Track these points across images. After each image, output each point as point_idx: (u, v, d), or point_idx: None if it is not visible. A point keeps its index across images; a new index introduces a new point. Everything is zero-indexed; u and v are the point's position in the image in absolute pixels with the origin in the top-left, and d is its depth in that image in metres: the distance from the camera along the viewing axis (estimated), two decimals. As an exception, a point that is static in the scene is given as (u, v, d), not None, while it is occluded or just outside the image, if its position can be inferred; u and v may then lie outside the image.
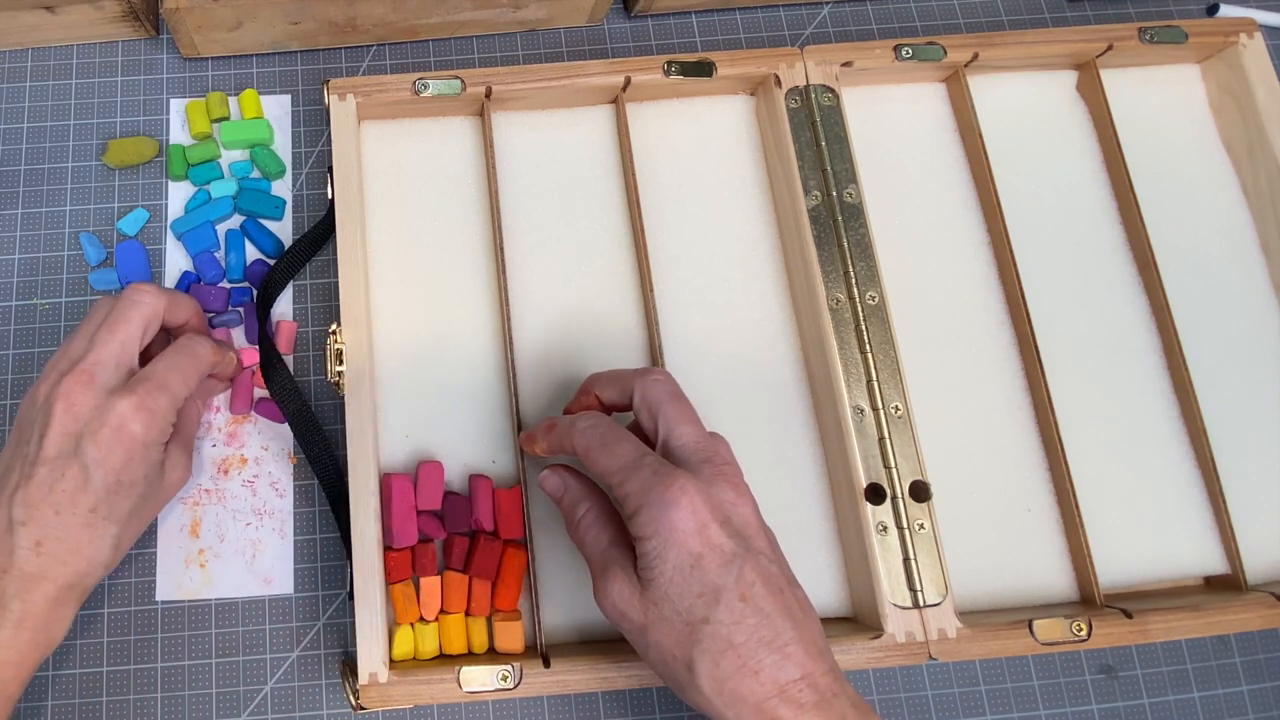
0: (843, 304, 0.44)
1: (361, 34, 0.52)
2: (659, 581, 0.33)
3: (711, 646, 0.32)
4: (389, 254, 0.47)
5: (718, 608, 0.32)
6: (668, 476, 0.33)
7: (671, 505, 0.33)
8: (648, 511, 0.33)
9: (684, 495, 0.33)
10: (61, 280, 0.49)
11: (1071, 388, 0.46)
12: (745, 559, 0.33)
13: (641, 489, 0.34)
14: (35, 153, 0.51)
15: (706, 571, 0.32)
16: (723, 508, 0.34)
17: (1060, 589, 0.44)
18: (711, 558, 0.33)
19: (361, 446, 0.41)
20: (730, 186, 0.49)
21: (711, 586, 0.32)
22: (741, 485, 0.35)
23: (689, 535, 0.33)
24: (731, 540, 0.33)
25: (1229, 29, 0.50)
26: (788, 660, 0.32)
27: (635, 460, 0.35)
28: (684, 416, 0.37)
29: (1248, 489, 0.45)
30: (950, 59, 0.48)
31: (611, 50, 0.54)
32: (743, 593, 0.32)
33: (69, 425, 0.37)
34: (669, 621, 0.33)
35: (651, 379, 0.38)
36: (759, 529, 0.34)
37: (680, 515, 0.33)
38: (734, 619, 0.32)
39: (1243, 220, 0.50)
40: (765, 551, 0.34)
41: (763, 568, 0.33)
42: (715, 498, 0.33)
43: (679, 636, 0.33)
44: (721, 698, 0.32)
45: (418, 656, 0.41)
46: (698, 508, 0.33)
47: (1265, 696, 0.45)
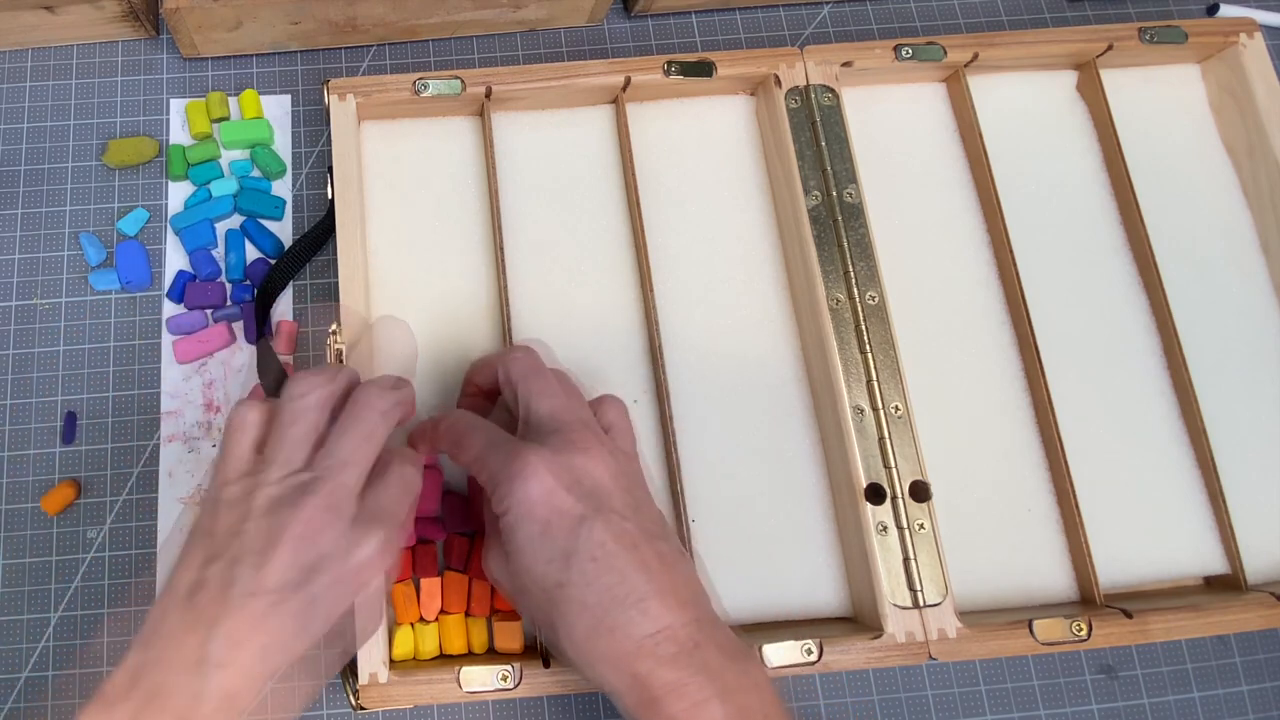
0: (843, 304, 0.44)
1: (361, 34, 0.52)
2: (516, 554, 0.34)
3: (568, 610, 0.33)
4: (389, 254, 0.47)
5: (569, 571, 0.33)
6: (514, 452, 0.34)
7: (516, 477, 0.33)
8: (500, 489, 0.34)
9: (527, 467, 0.33)
10: (61, 280, 0.49)
11: (1071, 388, 0.46)
12: (595, 519, 0.33)
13: (494, 469, 0.35)
14: (35, 153, 0.51)
15: (555, 537, 0.33)
16: (572, 473, 0.34)
17: (1060, 589, 0.44)
18: (558, 523, 0.33)
19: (361, 446, 0.41)
20: (730, 186, 0.49)
21: (561, 551, 0.33)
22: (595, 449, 0.35)
23: (536, 505, 0.33)
24: (581, 503, 0.33)
25: (1229, 29, 0.50)
26: (644, 615, 0.32)
27: (486, 445, 0.35)
28: (541, 390, 0.37)
29: (1248, 489, 0.45)
30: (950, 59, 0.48)
31: (611, 50, 0.54)
32: (592, 553, 0.33)
33: (305, 555, 0.31)
34: (529, 591, 0.34)
35: (511, 357, 0.38)
36: (613, 489, 0.34)
37: (526, 486, 0.33)
38: (585, 580, 0.32)
39: (1243, 220, 0.50)
40: (619, 510, 0.34)
41: (614, 526, 0.33)
42: (562, 464, 0.34)
43: (540, 603, 0.34)
44: (583, 657, 0.33)
45: (418, 657, 0.41)
46: (542, 476, 0.33)
47: (1265, 696, 0.45)
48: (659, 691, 0.31)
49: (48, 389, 0.47)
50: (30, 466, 0.46)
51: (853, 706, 0.44)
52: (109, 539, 0.45)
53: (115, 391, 0.47)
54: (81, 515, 0.45)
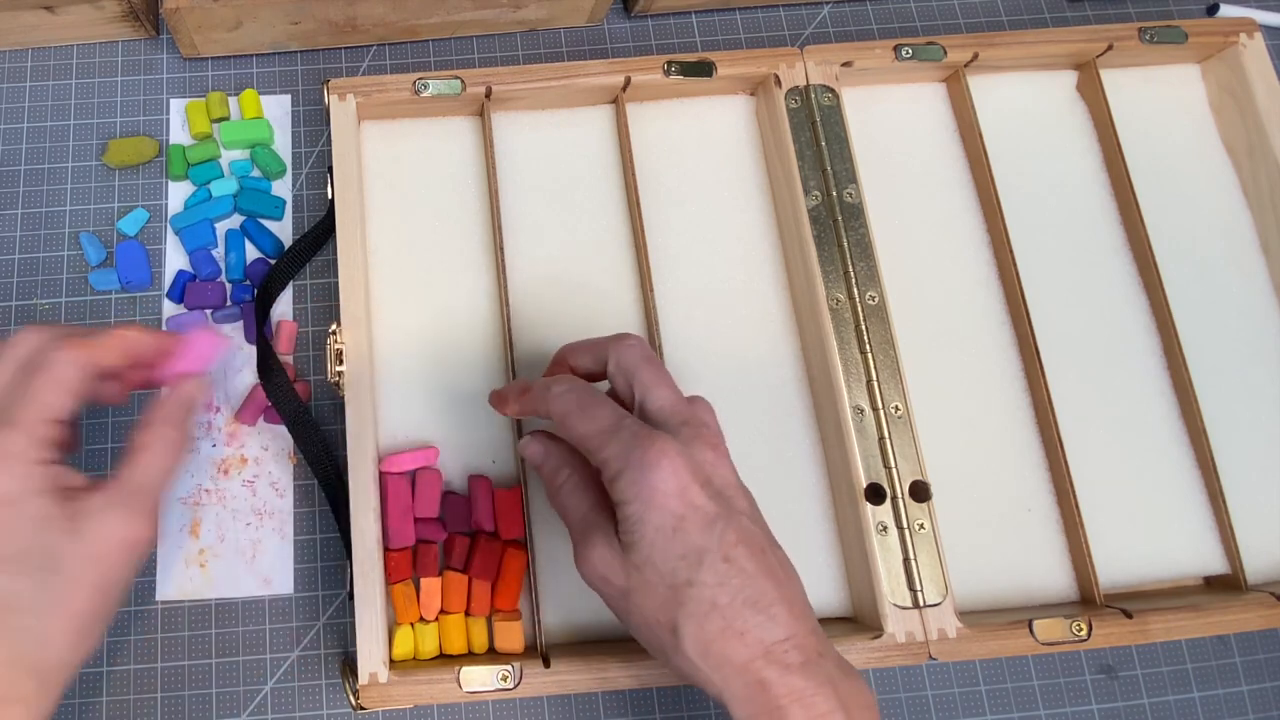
0: (843, 304, 0.44)
1: (361, 34, 0.52)
2: (641, 545, 0.33)
3: (696, 609, 0.32)
4: (389, 254, 0.47)
5: (701, 569, 0.32)
6: (647, 439, 0.33)
7: (652, 467, 0.32)
8: (628, 475, 0.33)
9: (664, 457, 0.32)
10: (61, 280, 0.49)
11: (1071, 388, 0.46)
12: (727, 520, 0.32)
13: (621, 452, 0.33)
14: (35, 153, 0.51)
15: (689, 533, 0.32)
16: (703, 469, 0.33)
17: (1060, 589, 0.44)
18: (693, 519, 0.32)
19: (361, 446, 0.41)
20: (730, 186, 0.49)
21: (694, 548, 0.32)
22: (721, 447, 0.35)
23: (670, 497, 0.32)
24: (713, 502, 0.33)
25: (1229, 29, 0.50)
26: (773, 621, 0.31)
27: (613, 424, 0.34)
28: (660, 380, 0.36)
29: (1248, 489, 0.45)
30: (950, 59, 0.48)
31: (611, 50, 0.54)
32: (725, 554, 0.32)
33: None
34: (652, 585, 0.33)
35: (626, 344, 0.37)
36: (739, 490, 0.34)
37: (661, 477, 0.32)
38: (718, 580, 0.32)
39: (1243, 220, 0.50)
40: (746, 512, 0.33)
41: (744, 528, 0.33)
42: (695, 459, 0.33)
43: (662, 600, 0.32)
44: (708, 660, 0.32)
45: (418, 656, 0.41)
46: (678, 469, 0.32)
47: (1265, 696, 0.45)
48: (784, 700, 0.31)
49: (48, 389, 0.47)
50: (30, 466, 0.46)
51: (853, 706, 0.44)
52: (109, 539, 0.45)
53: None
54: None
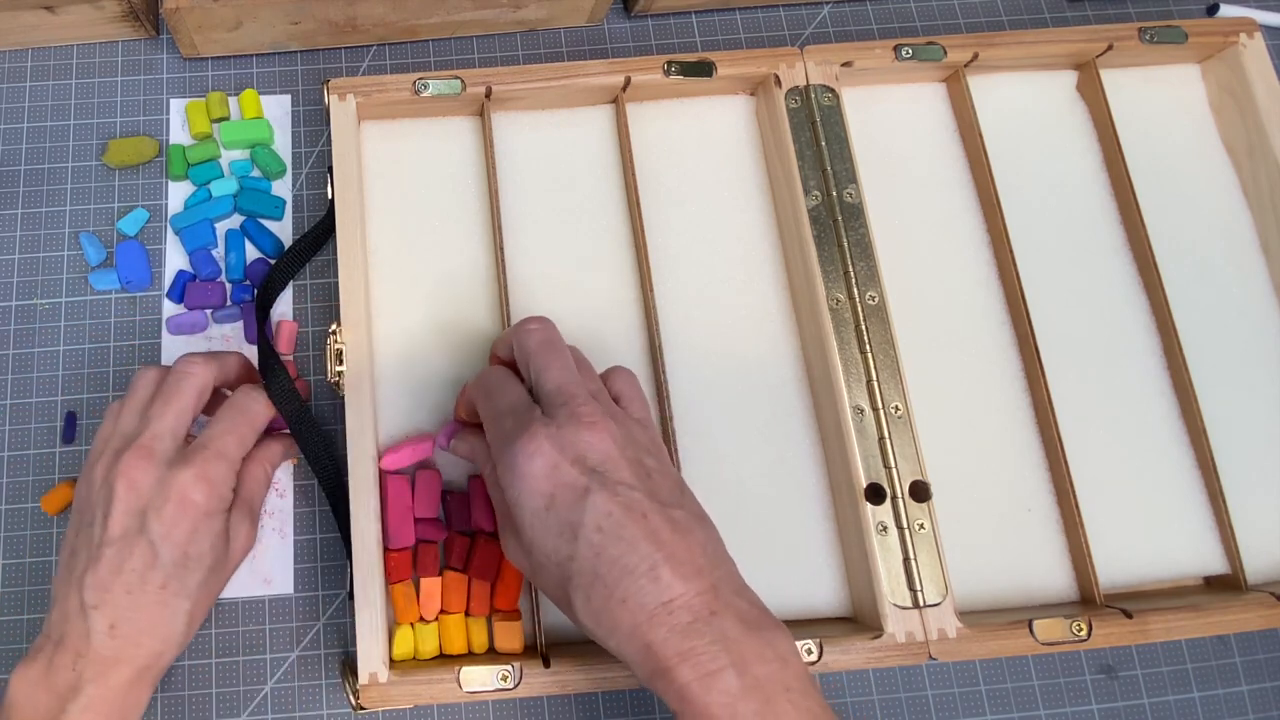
0: (843, 304, 0.44)
1: (361, 34, 0.52)
2: (524, 528, 0.34)
3: (581, 581, 0.33)
4: (389, 254, 0.47)
5: (576, 543, 0.33)
6: (521, 427, 0.35)
7: (520, 453, 0.34)
8: (503, 462, 0.35)
9: (531, 441, 0.34)
10: (61, 280, 0.49)
11: (1071, 388, 0.46)
12: (599, 491, 0.33)
13: (499, 439, 0.35)
14: (35, 153, 0.51)
15: (560, 510, 0.33)
16: (575, 447, 0.34)
17: (1060, 589, 0.44)
18: (563, 496, 0.33)
19: (361, 446, 0.41)
20: (730, 186, 0.49)
21: (568, 524, 0.33)
22: (599, 423, 0.35)
23: (539, 479, 0.33)
24: (585, 476, 0.33)
25: (1229, 29, 0.50)
26: (655, 584, 0.32)
27: (503, 411, 0.36)
28: (550, 363, 0.37)
29: (1248, 489, 0.45)
30: (950, 59, 0.48)
31: (611, 50, 0.54)
32: (599, 524, 0.33)
33: (132, 503, 0.37)
34: (542, 565, 0.34)
35: (525, 329, 0.38)
36: (620, 461, 0.34)
37: (528, 461, 0.34)
38: (594, 551, 0.32)
39: (1243, 220, 0.50)
40: (626, 480, 0.34)
41: (621, 496, 0.33)
42: (566, 439, 0.34)
43: (554, 577, 0.34)
44: (600, 629, 0.33)
45: (418, 656, 0.41)
46: (546, 451, 0.34)
47: (1265, 696, 0.45)
48: (671, 660, 0.31)
49: (48, 389, 0.47)
50: (30, 466, 0.46)
51: (853, 706, 0.44)
52: (109, 539, 0.45)
53: (115, 391, 0.47)
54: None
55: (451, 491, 0.44)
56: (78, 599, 0.36)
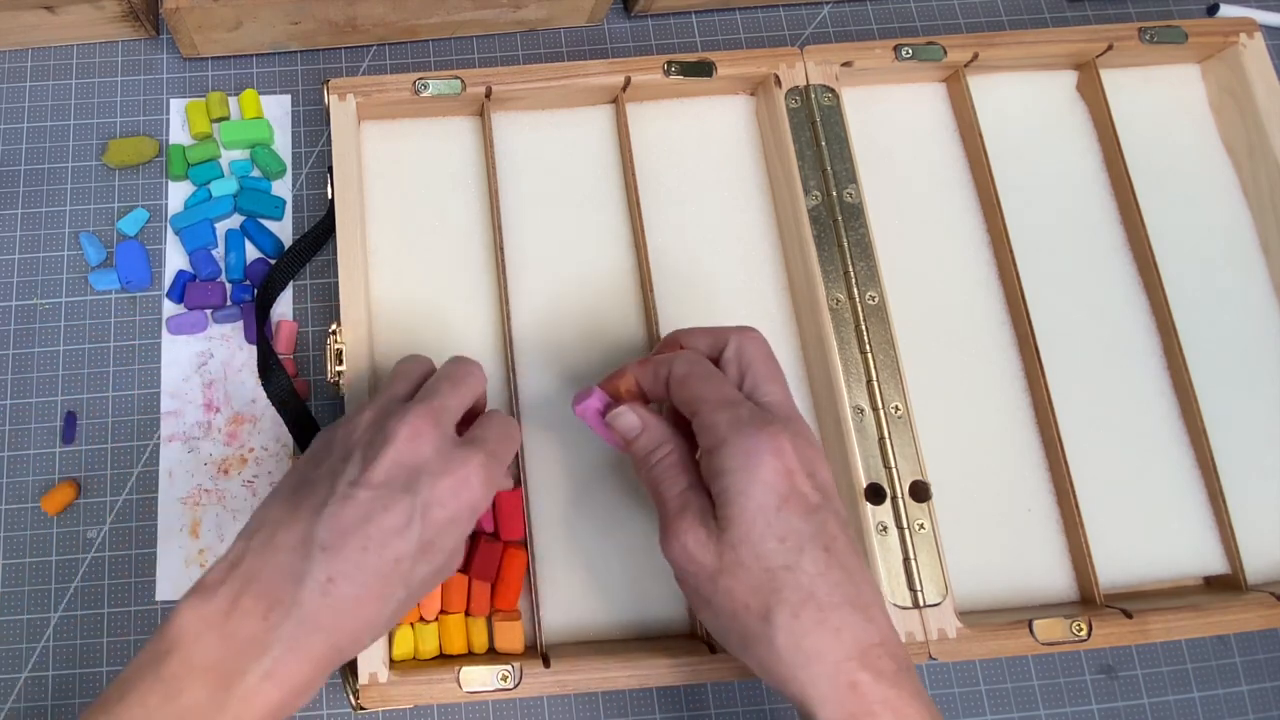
0: (843, 304, 0.44)
1: (361, 34, 0.52)
2: (740, 521, 0.31)
3: (792, 596, 0.30)
4: (389, 254, 0.47)
5: (802, 555, 0.31)
6: (763, 419, 0.33)
7: (764, 443, 0.32)
8: (734, 444, 0.32)
9: (775, 439, 0.32)
10: (61, 280, 0.49)
11: (1071, 388, 0.46)
12: (829, 513, 0.32)
13: (734, 422, 0.33)
14: (35, 153, 0.51)
15: (791, 516, 0.31)
16: (810, 461, 0.33)
17: (1060, 589, 0.44)
18: (796, 503, 0.31)
19: (361, 446, 0.41)
20: (730, 186, 0.49)
21: (796, 532, 0.31)
22: (822, 451, 0.34)
23: (778, 474, 0.31)
24: (816, 492, 0.32)
25: (1229, 29, 0.50)
26: (870, 622, 0.30)
27: (734, 397, 0.34)
28: (775, 377, 0.36)
29: (1248, 489, 0.45)
30: (950, 59, 0.48)
31: (611, 50, 0.54)
32: (826, 544, 0.31)
33: (409, 456, 0.32)
34: (746, 567, 0.31)
35: (749, 335, 0.37)
36: (835, 492, 0.34)
37: (769, 454, 0.32)
38: (818, 570, 0.31)
39: (1243, 220, 0.50)
40: (842, 513, 0.33)
41: (844, 524, 0.32)
42: (803, 450, 0.33)
43: (756, 583, 0.31)
44: (798, 653, 0.30)
45: (418, 656, 0.41)
46: (787, 452, 0.32)
47: (1265, 696, 0.45)
48: (877, 706, 0.30)
49: (48, 389, 0.47)
50: (30, 466, 0.46)
51: (853, 706, 0.44)
52: (109, 539, 0.45)
53: (115, 391, 0.47)
54: (81, 515, 0.45)
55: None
56: (302, 532, 0.30)
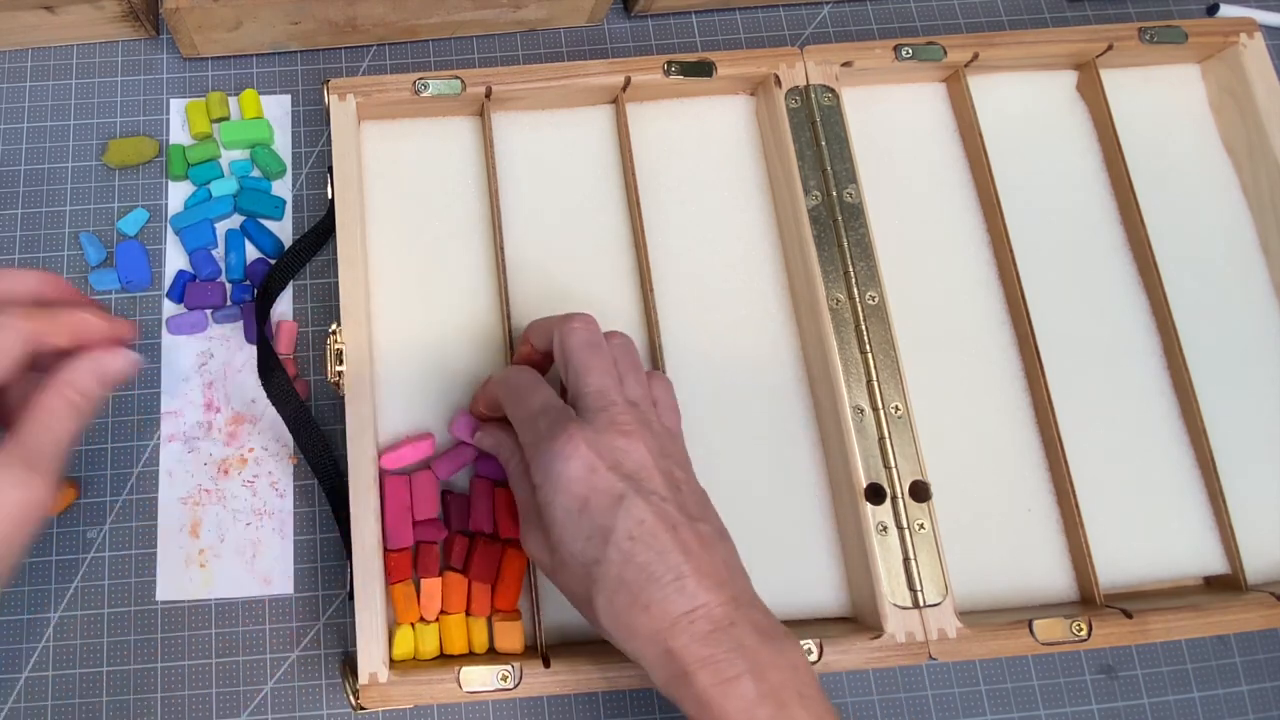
0: (843, 304, 0.44)
1: (361, 34, 0.52)
2: (554, 527, 0.35)
3: (605, 585, 0.33)
4: (389, 254, 0.47)
5: (607, 548, 0.33)
6: (558, 427, 0.35)
7: (558, 455, 0.34)
8: (538, 460, 0.35)
9: (569, 444, 0.34)
10: (61, 280, 0.49)
11: (1071, 388, 0.46)
12: (634, 499, 0.33)
13: (534, 440, 0.36)
14: (35, 153, 0.51)
15: (594, 514, 0.34)
16: (613, 454, 0.34)
17: (1060, 589, 0.44)
18: (598, 501, 0.34)
19: (361, 446, 0.41)
20: (730, 186, 0.49)
21: (599, 528, 0.33)
22: (636, 432, 0.35)
23: (575, 481, 0.34)
24: (621, 482, 0.34)
25: (1229, 29, 0.50)
26: (680, 593, 0.32)
27: (535, 411, 0.36)
28: (591, 365, 0.37)
29: (1248, 489, 0.45)
30: (950, 59, 0.48)
31: (611, 50, 0.54)
32: (630, 531, 0.33)
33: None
34: (567, 565, 0.35)
35: (569, 326, 0.38)
36: (654, 471, 0.35)
37: (565, 463, 0.34)
38: (623, 557, 0.33)
39: (1243, 221, 0.50)
40: (658, 491, 0.34)
41: (654, 506, 0.34)
42: (604, 445, 0.34)
43: (578, 577, 0.34)
44: (619, 632, 0.33)
45: (418, 656, 0.41)
46: (583, 454, 0.34)
47: (1265, 696, 0.45)
48: (691, 665, 0.32)
49: (48, 389, 0.47)
50: (30, 466, 0.46)
51: (853, 706, 0.44)
52: (109, 539, 0.45)
53: (115, 391, 0.47)
54: (81, 515, 0.45)
55: (451, 492, 0.44)
56: None
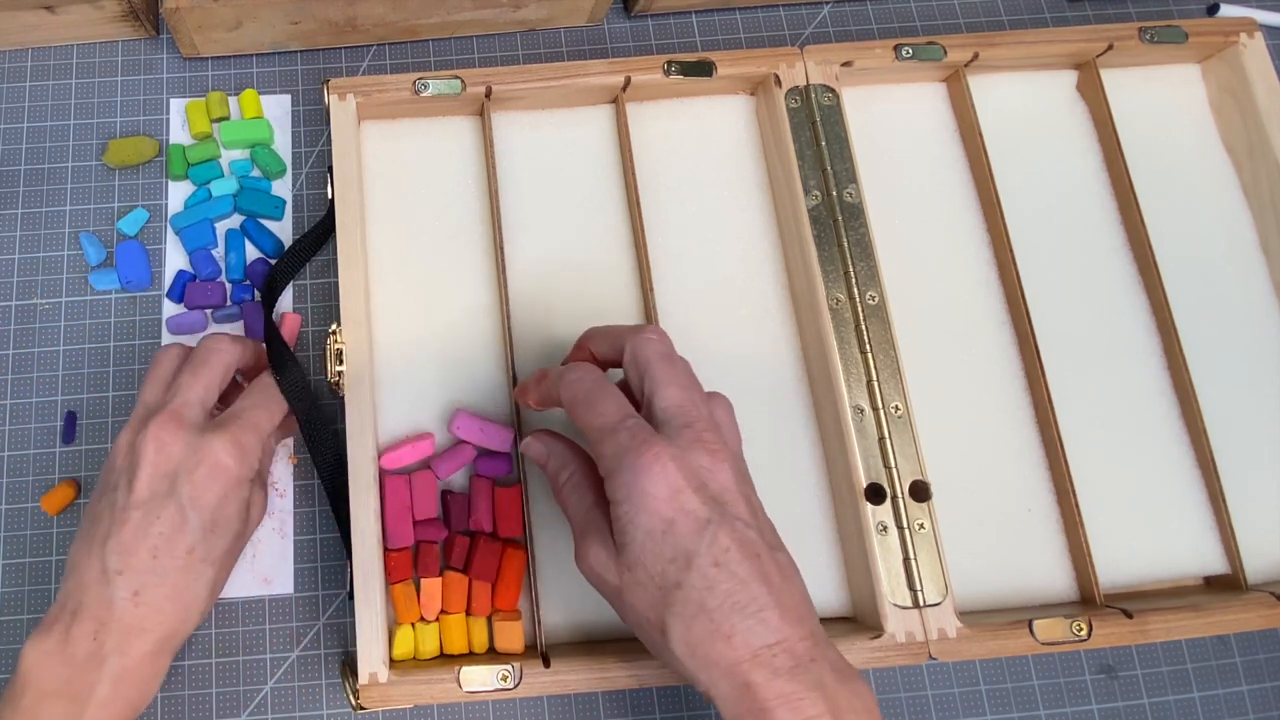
0: (843, 304, 0.44)
1: (361, 34, 0.52)
2: (631, 546, 0.33)
3: (684, 610, 0.32)
4: (389, 254, 0.47)
5: (690, 573, 0.32)
6: (643, 442, 0.33)
7: (644, 471, 0.33)
8: (620, 476, 0.33)
9: (657, 462, 0.33)
10: (61, 280, 0.49)
11: (1071, 388, 0.46)
12: (719, 525, 0.32)
13: (616, 452, 0.34)
14: (35, 153, 0.51)
15: (678, 537, 0.32)
16: (699, 474, 0.33)
17: (1060, 589, 0.44)
18: (684, 523, 0.32)
19: (361, 446, 0.41)
20: (730, 186, 0.49)
21: (683, 551, 0.32)
22: (721, 451, 0.34)
23: (661, 501, 0.33)
24: (706, 506, 0.33)
25: (1229, 29, 0.50)
26: (763, 625, 0.32)
27: (615, 421, 0.34)
28: (671, 379, 0.36)
29: (1248, 489, 0.45)
30: (950, 59, 0.48)
31: (611, 50, 0.54)
32: (716, 558, 0.32)
33: (162, 466, 0.37)
34: (642, 585, 0.33)
35: (644, 336, 0.37)
36: (737, 495, 0.34)
37: (652, 481, 0.33)
38: (706, 584, 0.32)
39: (1243, 220, 0.50)
40: (743, 517, 0.33)
41: (739, 533, 0.33)
42: (690, 464, 0.33)
43: (652, 600, 0.33)
44: (694, 660, 0.32)
45: (418, 656, 0.41)
46: (670, 474, 0.33)
47: (1265, 696, 0.45)
48: (771, 702, 0.31)
49: (48, 389, 0.47)
50: (30, 466, 0.46)
51: (853, 706, 0.44)
52: (109, 539, 0.45)
53: (115, 391, 0.47)
54: (81, 515, 0.45)
55: (451, 492, 0.44)
56: (99, 565, 0.36)
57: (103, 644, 0.35)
